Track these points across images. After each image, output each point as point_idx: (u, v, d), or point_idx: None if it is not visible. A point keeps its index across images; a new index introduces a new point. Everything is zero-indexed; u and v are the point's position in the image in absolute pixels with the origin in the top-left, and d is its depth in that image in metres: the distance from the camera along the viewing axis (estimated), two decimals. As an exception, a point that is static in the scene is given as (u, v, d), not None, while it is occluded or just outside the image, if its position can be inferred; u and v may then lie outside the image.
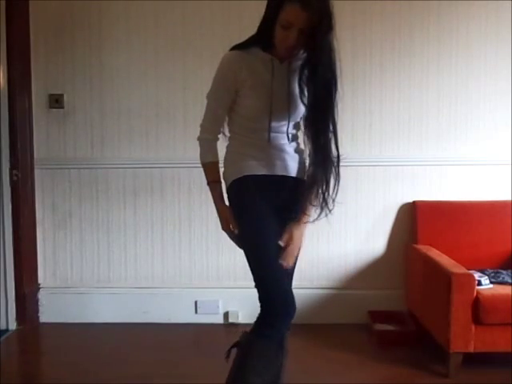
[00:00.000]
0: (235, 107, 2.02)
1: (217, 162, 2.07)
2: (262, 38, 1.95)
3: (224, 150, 2.10)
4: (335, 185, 1.97)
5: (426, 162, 3.48)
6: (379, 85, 3.45)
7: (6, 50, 3.33)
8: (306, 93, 1.93)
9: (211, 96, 2.03)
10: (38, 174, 3.56)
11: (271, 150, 2.00)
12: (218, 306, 3.54)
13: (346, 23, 3.39)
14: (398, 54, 3.44)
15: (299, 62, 1.95)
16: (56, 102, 3.50)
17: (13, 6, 3.33)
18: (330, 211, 1.97)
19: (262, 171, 1.99)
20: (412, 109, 3.47)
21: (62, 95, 3.51)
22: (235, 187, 2.03)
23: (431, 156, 3.48)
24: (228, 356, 2.00)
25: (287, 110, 1.97)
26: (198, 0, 3.41)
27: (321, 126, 1.93)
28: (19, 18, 3.40)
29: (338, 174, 1.97)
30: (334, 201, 1.97)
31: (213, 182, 2.06)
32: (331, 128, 1.94)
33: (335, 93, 1.92)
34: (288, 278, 2.07)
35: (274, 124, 1.97)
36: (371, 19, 3.42)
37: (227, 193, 2.07)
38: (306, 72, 1.91)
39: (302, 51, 1.96)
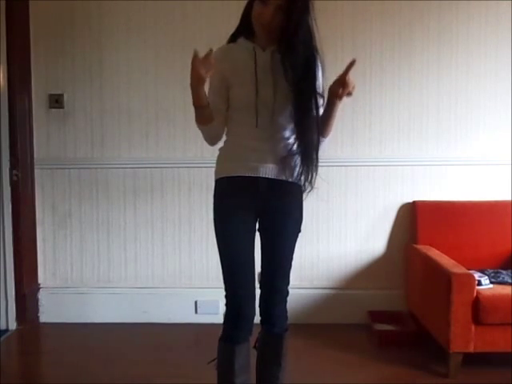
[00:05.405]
0: (229, 102, 2.01)
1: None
2: (245, 26, 1.99)
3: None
4: (313, 171, 1.98)
5: (426, 161, 3.48)
6: (379, 85, 3.45)
7: (6, 50, 3.32)
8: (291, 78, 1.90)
9: (209, 90, 2.00)
10: (37, 174, 3.56)
11: (255, 151, 1.96)
12: (217, 306, 3.53)
13: (345, 23, 3.39)
14: (398, 54, 3.44)
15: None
16: (56, 102, 3.50)
17: (13, 6, 3.33)
18: (311, 186, 1.99)
19: (237, 173, 1.98)
20: (412, 109, 3.47)
21: (61, 95, 3.51)
22: (215, 188, 2.06)
23: (431, 156, 3.48)
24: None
25: (273, 98, 1.93)
26: (198, 0, 3.41)
27: (303, 107, 1.91)
28: (19, 18, 3.40)
29: (316, 159, 1.97)
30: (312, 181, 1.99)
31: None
32: (314, 112, 1.93)
33: (315, 74, 1.93)
34: (280, 274, 2.08)
35: (260, 118, 1.94)
36: (371, 19, 3.42)
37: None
38: (283, 49, 1.89)
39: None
